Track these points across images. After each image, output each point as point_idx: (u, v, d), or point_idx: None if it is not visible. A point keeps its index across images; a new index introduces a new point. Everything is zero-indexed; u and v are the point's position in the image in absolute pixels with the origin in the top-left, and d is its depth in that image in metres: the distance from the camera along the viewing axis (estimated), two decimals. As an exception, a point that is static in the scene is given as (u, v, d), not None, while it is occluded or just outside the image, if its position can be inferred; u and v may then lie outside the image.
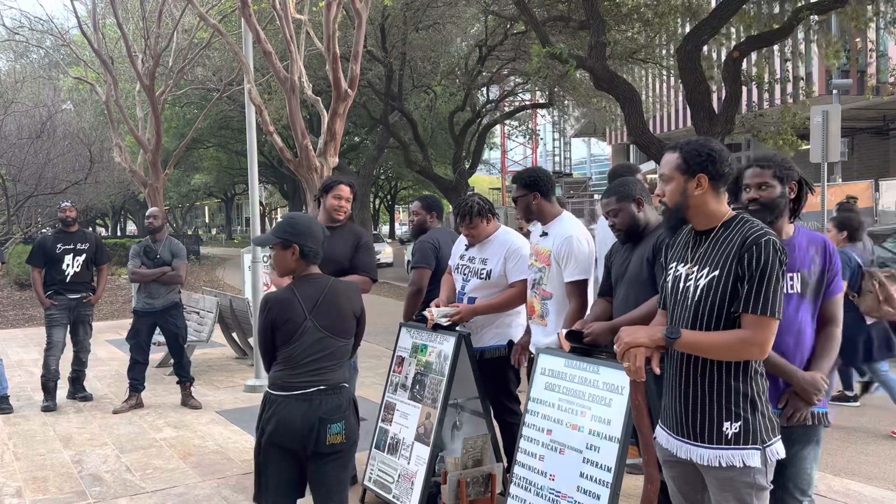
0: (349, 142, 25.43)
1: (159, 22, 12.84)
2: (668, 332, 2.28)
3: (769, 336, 2.20)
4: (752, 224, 2.28)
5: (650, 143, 9.31)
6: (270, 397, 2.97)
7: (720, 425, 2.26)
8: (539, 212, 3.85)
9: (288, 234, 2.97)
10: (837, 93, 15.86)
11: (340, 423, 2.93)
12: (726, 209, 2.36)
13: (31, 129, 18.14)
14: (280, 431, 2.89)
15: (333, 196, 4.32)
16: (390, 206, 43.03)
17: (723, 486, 2.28)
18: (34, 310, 14.00)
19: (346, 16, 12.07)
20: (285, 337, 2.93)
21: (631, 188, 3.34)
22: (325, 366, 2.95)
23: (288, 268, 3.01)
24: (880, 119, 22.58)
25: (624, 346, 2.33)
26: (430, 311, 4.06)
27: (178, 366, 6.81)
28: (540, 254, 3.84)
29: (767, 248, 2.19)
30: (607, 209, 3.38)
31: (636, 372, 2.31)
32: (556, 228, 3.78)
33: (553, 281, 3.74)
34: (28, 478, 4.94)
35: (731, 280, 2.23)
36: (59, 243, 6.86)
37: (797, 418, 2.59)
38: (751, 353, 2.22)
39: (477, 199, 4.12)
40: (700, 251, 2.36)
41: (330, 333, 2.96)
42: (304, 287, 2.97)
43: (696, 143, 2.36)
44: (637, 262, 3.28)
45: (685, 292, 2.36)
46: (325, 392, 2.93)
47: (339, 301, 3.00)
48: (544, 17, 11.72)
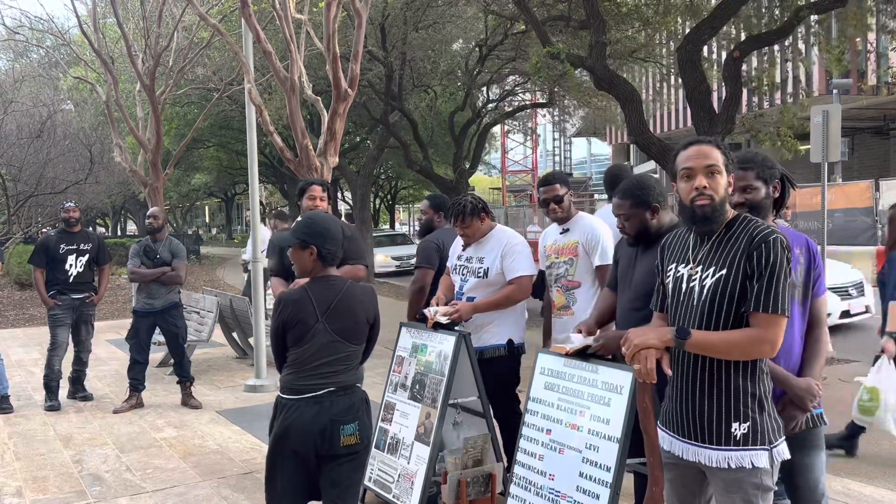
0: (349, 141, 25.41)
1: (159, 21, 12.84)
2: (679, 332, 2.26)
3: (779, 334, 2.20)
4: (757, 223, 2.28)
5: (650, 142, 9.29)
6: (282, 401, 2.94)
7: (728, 426, 2.25)
8: (568, 209, 4.15)
9: (306, 235, 2.94)
10: (837, 93, 15.85)
11: (354, 424, 2.90)
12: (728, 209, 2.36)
13: (31, 129, 18.13)
14: (293, 436, 2.85)
15: (308, 197, 4.54)
16: (390, 206, 42.98)
17: (730, 487, 2.27)
18: (35, 309, 14.01)
19: (346, 15, 12.06)
20: (296, 338, 2.90)
21: (648, 195, 3.23)
22: (335, 369, 2.92)
23: (306, 268, 2.98)
24: (880, 119, 22.59)
25: (634, 349, 2.30)
26: (430, 310, 4.07)
27: (178, 366, 6.81)
28: (564, 248, 4.08)
29: (776, 247, 2.20)
30: (620, 211, 3.32)
31: (648, 374, 2.27)
32: (579, 224, 4.09)
33: (581, 270, 4.00)
34: (28, 477, 4.94)
35: (739, 279, 2.23)
36: (62, 243, 6.87)
37: (795, 427, 2.58)
38: (762, 352, 2.22)
39: (469, 199, 4.18)
40: (703, 251, 2.35)
41: (341, 338, 2.93)
42: (319, 289, 2.94)
43: (722, 143, 2.35)
44: (646, 270, 3.22)
45: (689, 293, 2.34)
46: (336, 393, 2.90)
47: (354, 306, 2.97)
48: (544, 17, 11.70)
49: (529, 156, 46.18)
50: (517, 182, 48.25)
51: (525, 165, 47.52)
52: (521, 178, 48.39)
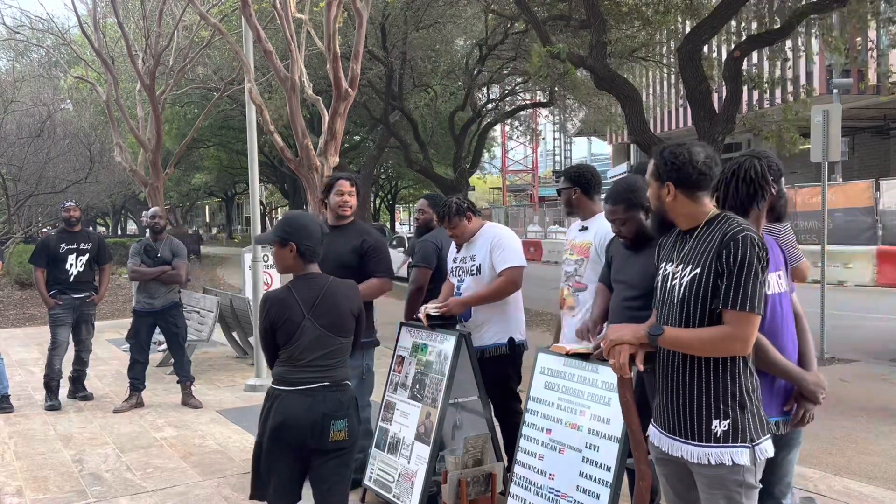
0: (350, 141, 25.42)
1: (160, 21, 12.85)
2: (651, 329, 2.31)
3: (751, 331, 2.20)
4: (733, 221, 2.28)
5: (650, 142, 9.29)
6: (273, 392, 2.98)
7: (709, 423, 2.27)
8: (578, 207, 4.01)
9: (285, 233, 2.99)
10: (838, 92, 15.84)
11: (343, 421, 2.95)
12: (708, 209, 2.35)
13: (31, 129, 18.13)
14: (284, 427, 2.89)
15: (336, 193, 4.35)
16: (391, 206, 43.03)
17: (712, 484, 2.29)
18: (35, 309, 14.01)
19: (346, 15, 12.07)
20: (285, 336, 2.95)
21: (640, 196, 3.23)
22: (327, 363, 2.96)
23: (287, 265, 3.03)
24: (881, 119, 22.59)
25: (609, 344, 2.38)
26: (420, 310, 4.11)
27: (178, 365, 6.81)
28: (578, 247, 3.97)
29: (745, 244, 2.19)
30: (614, 217, 3.32)
31: (621, 368, 2.35)
32: (597, 224, 3.89)
33: (589, 272, 3.86)
34: (29, 477, 4.94)
35: (711, 277, 2.24)
36: (63, 243, 6.86)
37: (808, 419, 2.59)
38: (733, 349, 2.22)
39: (454, 199, 4.22)
40: (684, 250, 2.38)
41: (329, 332, 2.97)
42: (302, 286, 2.99)
43: (667, 151, 2.37)
44: (640, 273, 3.22)
45: (671, 291, 2.38)
46: (329, 388, 2.95)
47: (338, 300, 3.01)
48: (545, 17, 11.71)
49: (530, 156, 46.19)
50: (517, 182, 48.27)
51: (525, 165, 47.54)
52: (522, 177, 48.40)
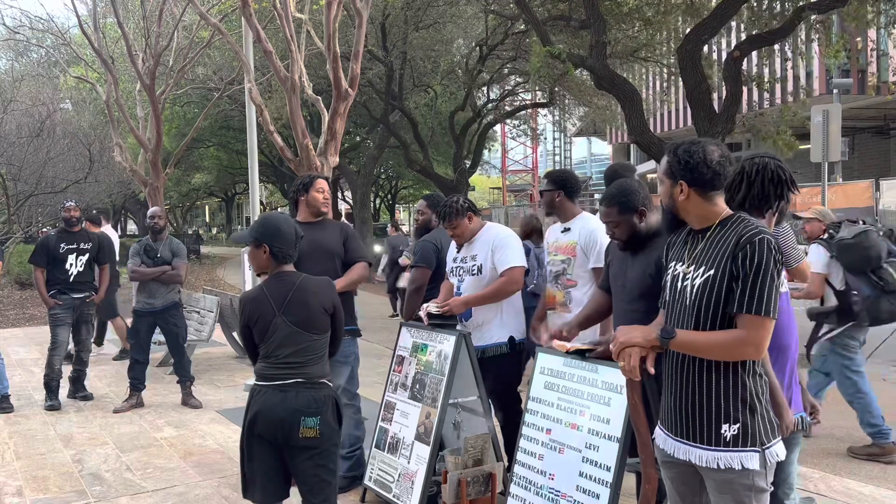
0: (349, 141, 25.40)
1: (160, 21, 12.84)
2: (663, 331, 2.27)
3: (765, 336, 2.18)
4: (748, 223, 2.24)
5: (650, 142, 9.30)
6: (254, 388, 3.10)
7: (718, 427, 2.24)
8: (560, 209, 4.18)
9: (259, 234, 3.11)
10: (838, 92, 15.84)
11: (315, 418, 3.00)
12: (721, 209, 2.32)
13: (31, 128, 18.11)
14: (259, 421, 3.00)
15: (316, 190, 4.46)
16: (391, 206, 43.02)
17: (721, 488, 2.27)
18: (35, 309, 14.01)
19: (346, 15, 12.07)
20: (260, 334, 3.08)
21: (634, 199, 3.22)
22: (301, 360, 3.05)
23: (260, 265, 3.17)
24: (881, 119, 22.58)
25: (619, 346, 2.33)
26: (421, 309, 4.12)
27: (178, 365, 6.81)
28: (563, 247, 4.09)
29: (762, 247, 2.16)
30: (608, 219, 3.30)
31: (631, 371, 2.31)
32: (579, 224, 4.09)
33: (578, 270, 4.00)
34: (28, 477, 4.94)
35: (725, 279, 2.21)
36: (63, 243, 6.86)
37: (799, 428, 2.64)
38: (746, 354, 2.20)
39: (455, 199, 4.24)
40: (696, 250, 2.34)
41: (301, 329, 3.06)
42: (274, 285, 3.11)
43: (682, 149, 2.33)
44: (639, 276, 3.21)
45: (682, 292, 2.34)
46: (303, 385, 3.03)
47: (308, 297, 3.10)
48: (545, 17, 11.71)
49: (530, 155, 46.16)
50: (517, 182, 48.24)
51: (525, 165, 47.51)
52: (522, 177, 48.38)
